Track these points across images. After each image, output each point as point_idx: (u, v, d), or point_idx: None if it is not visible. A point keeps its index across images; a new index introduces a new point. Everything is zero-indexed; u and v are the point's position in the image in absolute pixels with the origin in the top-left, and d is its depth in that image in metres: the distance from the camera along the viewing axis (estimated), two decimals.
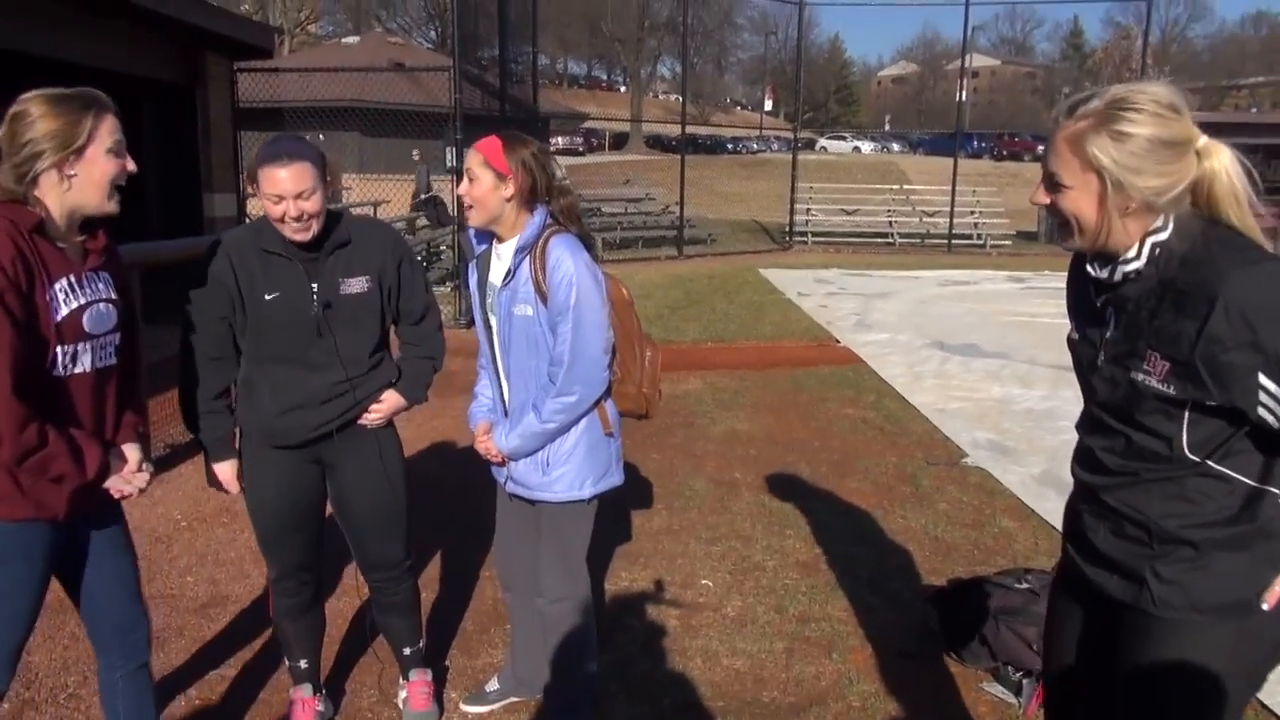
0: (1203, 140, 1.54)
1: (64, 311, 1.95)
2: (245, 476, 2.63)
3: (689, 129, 19.44)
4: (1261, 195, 1.60)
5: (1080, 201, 1.59)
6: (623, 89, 68.07)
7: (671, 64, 61.28)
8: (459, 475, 5.14)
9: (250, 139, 10.42)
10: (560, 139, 40.00)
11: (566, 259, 2.43)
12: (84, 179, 1.97)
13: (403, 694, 2.98)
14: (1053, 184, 1.62)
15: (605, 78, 73.41)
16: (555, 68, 62.62)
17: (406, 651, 2.95)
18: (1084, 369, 1.76)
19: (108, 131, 1.99)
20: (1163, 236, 1.57)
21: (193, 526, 4.43)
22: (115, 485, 2.12)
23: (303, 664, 2.84)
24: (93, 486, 2.06)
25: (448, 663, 3.28)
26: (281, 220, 2.38)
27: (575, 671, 2.75)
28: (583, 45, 60.25)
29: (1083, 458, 1.79)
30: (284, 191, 2.35)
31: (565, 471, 2.56)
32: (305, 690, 2.86)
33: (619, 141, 49.92)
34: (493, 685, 3.04)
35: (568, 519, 2.64)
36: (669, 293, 12.23)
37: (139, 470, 2.16)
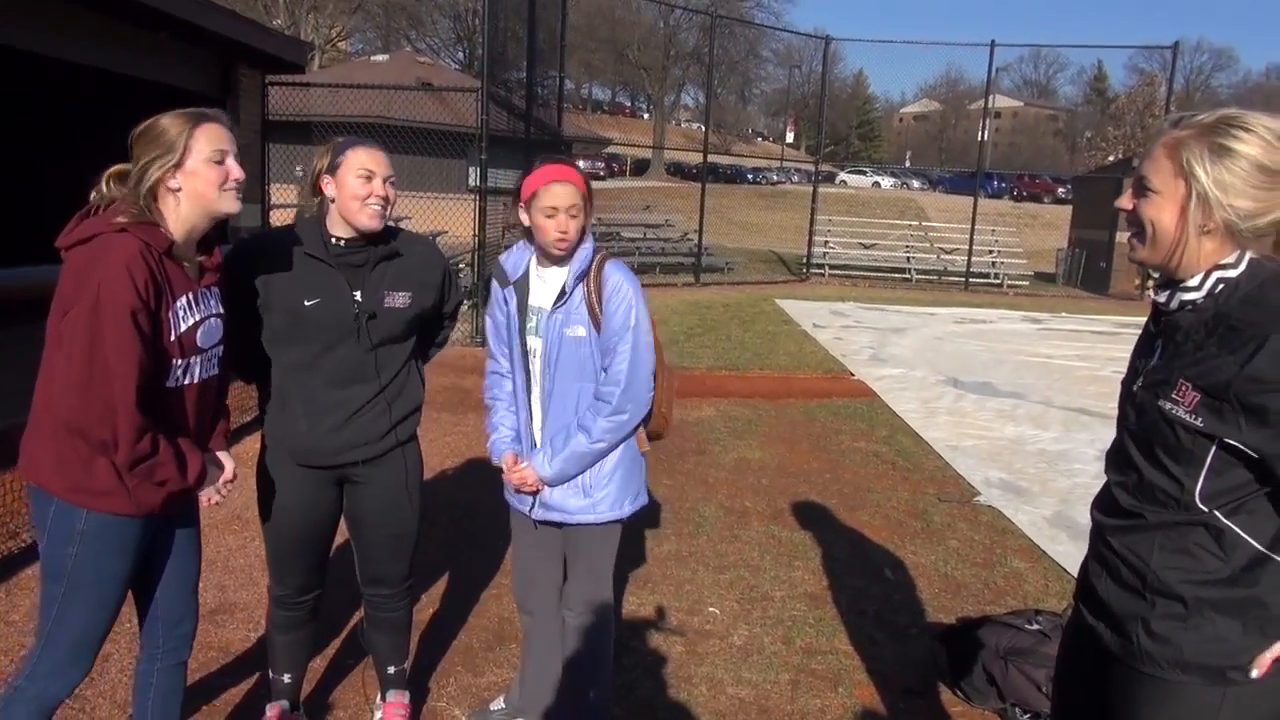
0: None
1: (182, 328, 2.06)
2: (262, 487, 2.64)
3: (710, 158, 19.51)
4: None
5: (1163, 208, 1.58)
6: (646, 116, 68.55)
7: (695, 93, 61.71)
8: (470, 493, 5.15)
9: (277, 151, 10.55)
10: (582, 163, 40.12)
11: (625, 283, 2.52)
12: (189, 190, 2.05)
13: (378, 715, 2.96)
14: (1140, 188, 1.61)
15: (629, 104, 73.93)
16: (580, 92, 63.14)
17: (390, 670, 2.92)
18: (1122, 396, 1.74)
19: (206, 140, 2.05)
20: (1231, 274, 1.55)
21: (204, 533, 4.39)
22: (209, 494, 2.27)
23: (285, 678, 2.82)
24: (188, 491, 2.17)
25: (451, 680, 3.28)
26: (366, 200, 2.41)
27: (593, 684, 2.74)
28: (608, 71, 60.67)
29: (1100, 496, 1.78)
30: (375, 169, 2.42)
31: (607, 493, 2.61)
32: (282, 705, 2.84)
33: (640, 167, 50.25)
34: (498, 704, 3.03)
35: (604, 538, 2.68)
36: (685, 319, 12.26)
37: (233, 479, 2.31)
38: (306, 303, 2.45)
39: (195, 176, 2.05)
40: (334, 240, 2.48)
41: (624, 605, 3.90)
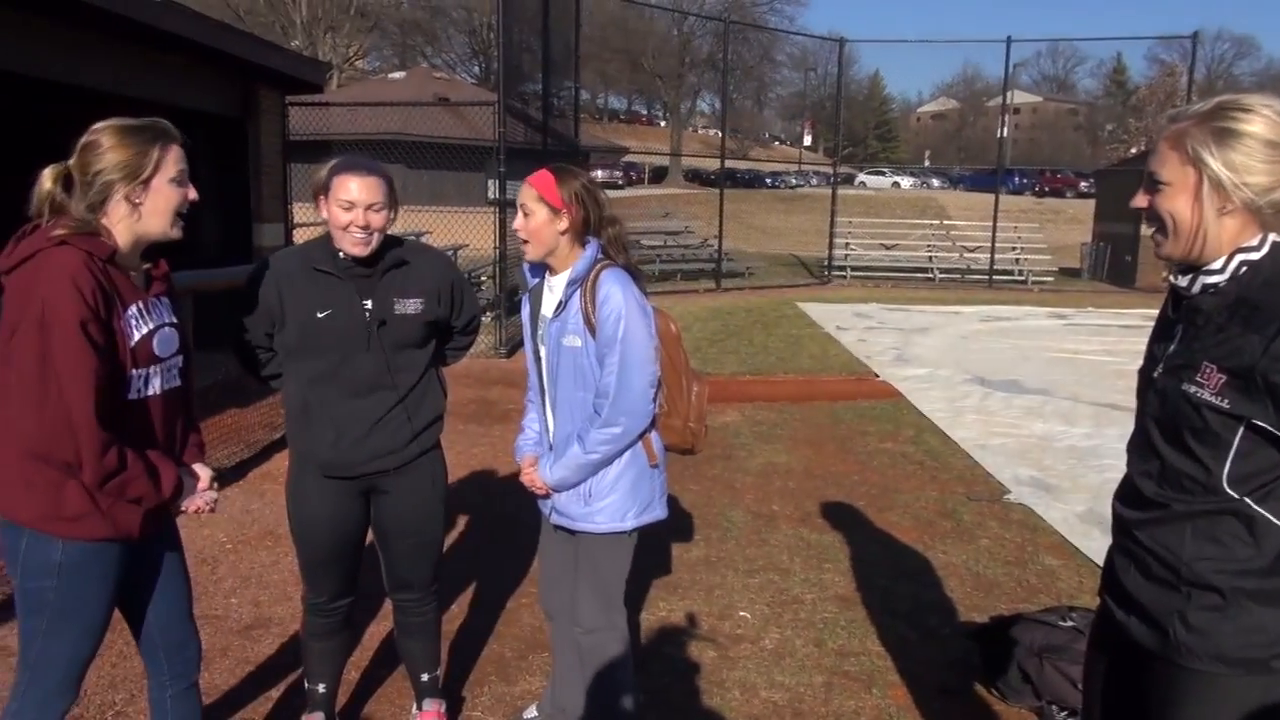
0: None
1: (136, 337, 2.01)
2: (292, 500, 2.68)
3: (728, 163, 19.53)
4: None
5: (1177, 199, 1.58)
6: (662, 123, 68.67)
7: (711, 99, 61.81)
8: (497, 502, 5.17)
9: (299, 170, 10.67)
10: (600, 172, 40.35)
11: (616, 292, 2.46)
12: (150, 208, 2.03)
13: None
14: (1151, 183, 1.61)
15: (645, 112, 74.10)
16: (596, 102, 63.35)
17: (424, 678, 2.95)
18: (1141, 384, 1.73)
19: (173, 161, 2.05)
20: (1254, 256, 1.55)
21: (237, 549, 4.49)
22: (192, 503, 2.20)
23: (320, 688, 2.85)
24: (165, 507, 2.12)
25: (485, 689, 3.29)
26: (346, 229, 2.45)
27: (612, 704, 2.74)
28: (623, 80, 60.88)
29: (1122, 488, 1.76)
30: (356, 200, 2.43)
31: (608, 503, 2.57)
32: (318, 717, 2.87)
33: (658, 175, 50.32)
34: (531, 713, 3.04)
35: (607, 550, 2.64)
36: (707, 325, 12.25)
37: (210, 487, 2.24)
38: (319, 314, 2.50)
39: (159, 195, 2.03)
40: (341, 255, 2.52)
41: (654, 611, 3.90)
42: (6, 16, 5.79)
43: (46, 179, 1.98)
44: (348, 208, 2.43)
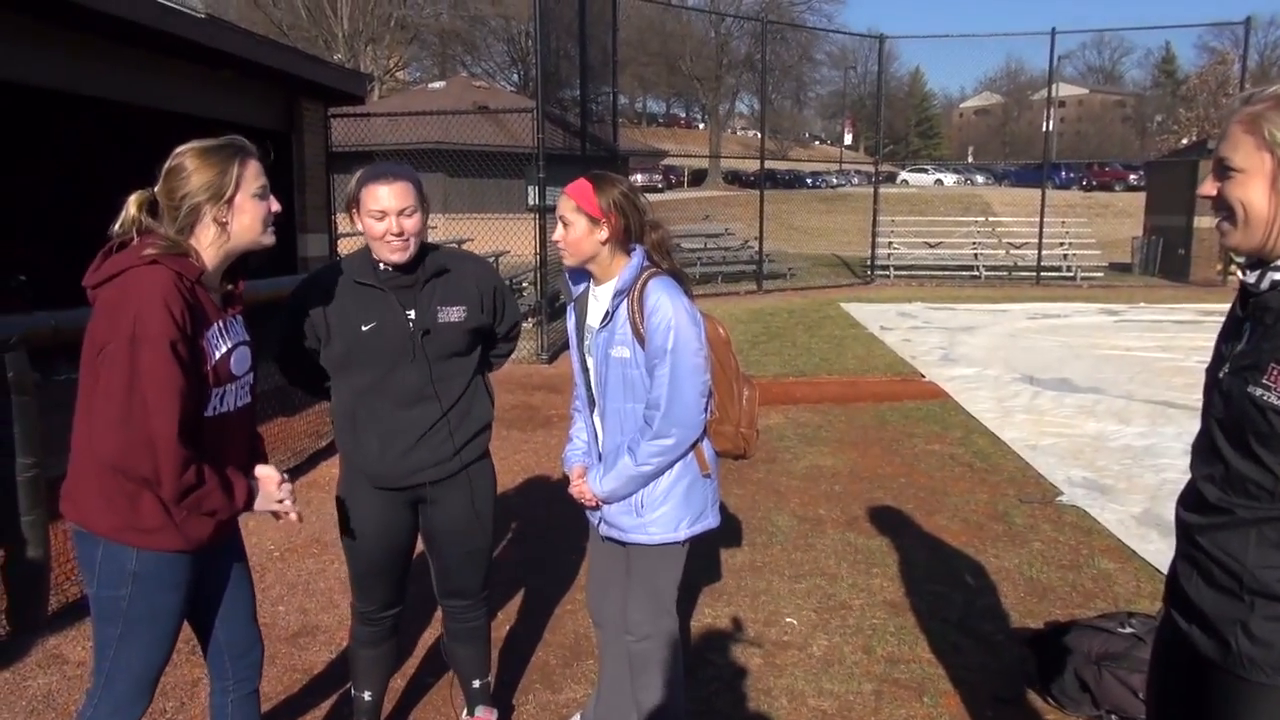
0: None
1: (216, 356, 2.06)
2: (342, 511, 2.68)
3: (768, 164, 19.43)
4: None
5: (1250, 186, 1.51)
6: (701, 126, 68.53)
7: (750, 100, 61.62)
8: (542, 509, 5.17)
9: (341, 181, 10.81)
10: (639, 176, 40.44)
11: (665, 302, 2.43)
12: (237, 225, 2.07)
13: None
14: (1222, 170, 1.54)
15: (684, 115, 73.96)
16: (634, 106, 63.44)
17: (475, 684, 2.95)
18: (1207, 384, 1.66)
19: (253, 176, 2.08)
20: None
21: (285, 557, 4.54)
22: (270, 506, 2.23)
23: (366, 696, 2.85)
24: (234, 518, 2.17)
25: (529, 697, 3.28)
26: (382, 239, 2.46)
27: (663, 711, 2.71)
28: (661, 84, 60.89)
29: (1185, 492, 1.70)
30: (386, 208, 2.43)
31: (661, 514, 2.54)
32: None
33: (698, 178, 50.25)
34: None
35: (660, 560, 2.61)
36: (749, 327, 12.18)
37: (281, 484, 2.25)
38: (363, 328, 2.52)
39: (244, 211, 2.07)
40: (382, 266, 2.53)
41: (699, 618, 3.86)
42: (61, 36, 5.93)
43: (132, 205, 2.03)
44: (380, 217, 2.45)
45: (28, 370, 3.50)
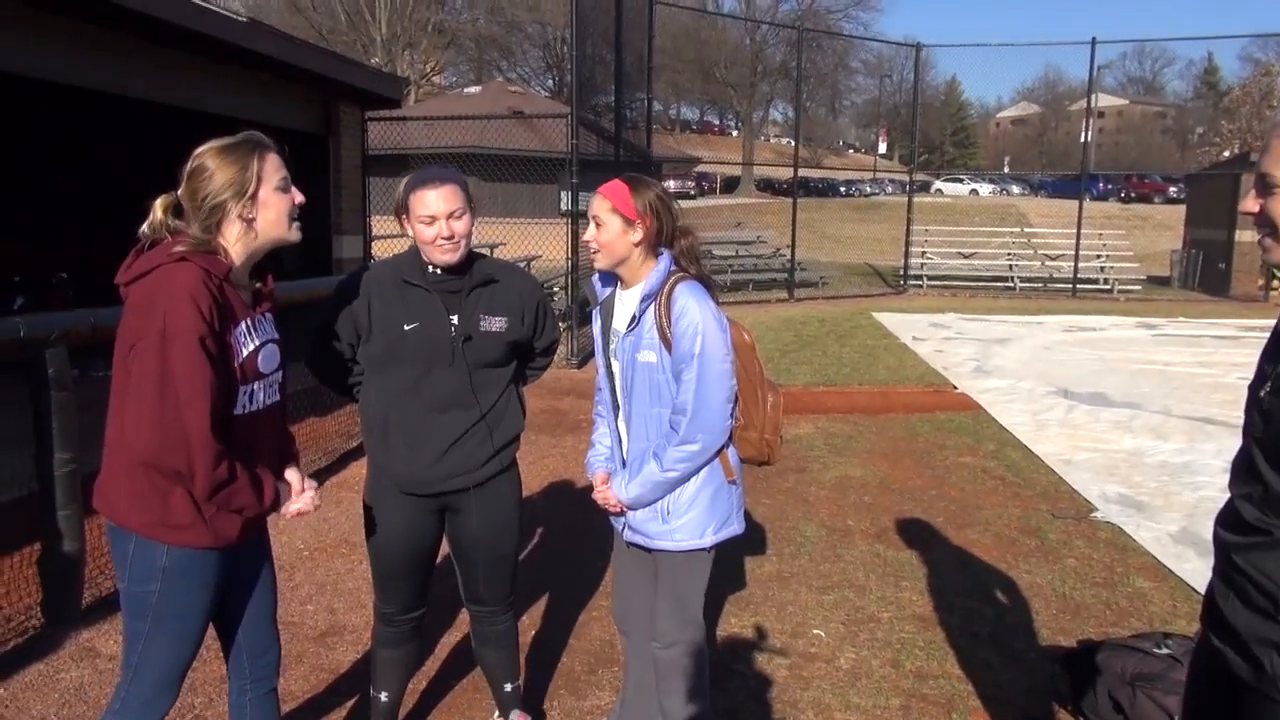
0: None
1: (244, 353, 2.07)
2: (368, 513, 2.69)
3: (801, 172, 19.37)
4: None
5: None
6: (735, 133, 68.46)
7: (784, 108, 61.52)
8: (567, 514, 5.17)
9: (377, 184, 10.92)
10: (672, 182, 40.44)
11: (693, 306, 2.42)
12: (262, 220, 2.09)
13: None
14: (1264, 186, 1.51)
15: (717, 122, 73.90)
16: (668, 113, 63.49)
17: (507, 688, 2.95)
18: (1249, 402, 1.63)
19: (273, 169, 2.10)
20: None
21: (314, 556, 4.57)
22: (293, 508, 2.26)
23: (383, 696, 2.86)
24: (262, 516, 2.19)
25: (554, 703, 3.27)
26: (433, 243, 2.47)
27: (689, 718, 2.69)
28: (695, 90, 60.88)
29: (1224, 511, 1.66)
30: (436, 212, 2.45)
31: (686, 520, 2.53)
32: None
33: (730, 185, 50.21)
34: None
35: (687, 567, 2.59)
36: (780, 336, 12.13)
37: (305, 489, 2.29)
38: (406, 327, 2.53)
39: (268, 206, 2.08)
40: (431, 269, 2.55)
41: (726, 628, 3.84)
42: (104, 37, 6.04)
43: (158, 208, 2.05)
44: (429, 222, 2.46)
45: (66, 367, 3.56)
